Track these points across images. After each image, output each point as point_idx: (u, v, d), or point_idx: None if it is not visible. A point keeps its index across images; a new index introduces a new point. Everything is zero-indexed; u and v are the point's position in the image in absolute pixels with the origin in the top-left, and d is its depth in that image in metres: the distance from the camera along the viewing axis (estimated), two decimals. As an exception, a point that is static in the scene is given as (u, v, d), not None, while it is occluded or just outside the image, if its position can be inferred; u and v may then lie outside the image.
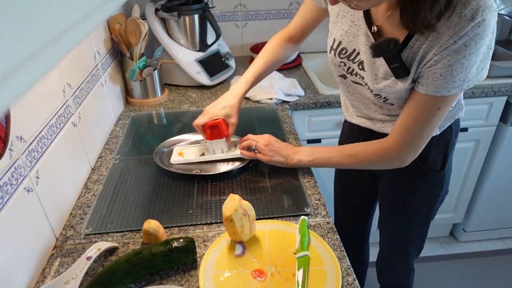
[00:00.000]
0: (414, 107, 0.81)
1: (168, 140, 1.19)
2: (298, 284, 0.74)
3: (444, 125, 0.96)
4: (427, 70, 0.76)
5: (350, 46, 0.89)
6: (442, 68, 0.73)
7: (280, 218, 0.91)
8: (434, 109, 0.80)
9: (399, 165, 0.90)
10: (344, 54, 0.92)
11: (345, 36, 0.90)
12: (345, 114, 1.11)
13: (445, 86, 0.75)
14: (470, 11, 0.68)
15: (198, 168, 1.07)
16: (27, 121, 0.79)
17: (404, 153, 0.88)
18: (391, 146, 0.88)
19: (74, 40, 0.25)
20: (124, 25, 1.39)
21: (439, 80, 0.75)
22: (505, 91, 1.55)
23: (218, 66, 1.63)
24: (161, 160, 1.10)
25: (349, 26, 0.88)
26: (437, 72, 0.74)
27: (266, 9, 1.86)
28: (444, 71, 0.74)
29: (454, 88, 0.76)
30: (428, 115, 0.81)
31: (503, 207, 1.90)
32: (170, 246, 0.77)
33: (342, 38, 0.90)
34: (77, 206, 0.97)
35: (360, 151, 0.93)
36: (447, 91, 0.76)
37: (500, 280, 1.85)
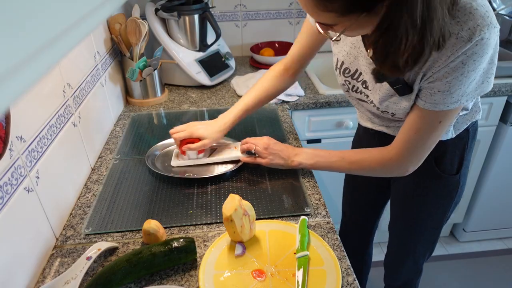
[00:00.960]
0: (415, 120, 0.82)
1: (161, 143, 1.18)
2: (298, 284, 0.74)
3: (460, 128, 0.95)
4: (426, 86, 0.77)
5: (353, 67, 0.90)
6: (440, 84, 0.74)
7: (280, 218, 0.91)
8: (435, 122, 0.80)
9: (399, 174, 0.91)
10: (347, 74, 0.93)
11: (347, 57, 0.90)
12: (359, 118, 1.10)
13: (443, 101, 0.76)
14: (467, 32, 0.68)
15: (191, 171, 1.07)
16: (27, 121, 0.79)
17: (405, 164, 0.88)
18: (393, 156, 0.88)
19: (74, 40, 0.25)
20: (124, 25, 1.39)
21: (437, 95, 0.76)
22: (505, 91, 1.55)
23: (218, 66, 1.63)
24: (153, 163, 1.09)
25: (350, 48, 0.89)
26: (435, 88, 0.75)
27: (266, 9, 1.86)
28: (442, 87, 0.74)
29: (452, 104, 0.76)
30: (429, 128, 0.81)
31: (503, 207, 1.90)
32: (170, 246, 0.77)
33: (344, 58, 0.91)
34: (77, 206, 0.97)
35: (362, 159, 0.93)
36: (445, 106, 0.76)
37: (500, 280, 1.85)
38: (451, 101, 0.76)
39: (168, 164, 1.10)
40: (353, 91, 0.95)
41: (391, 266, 1.30)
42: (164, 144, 1.18)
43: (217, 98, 1.53)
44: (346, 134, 1.59)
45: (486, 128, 1.66)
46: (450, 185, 1.02)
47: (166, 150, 1.17)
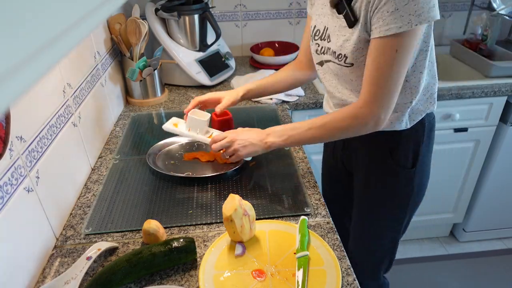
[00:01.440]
0: (373, 56, 0.82)
1: (162, 142, 1.18)
2: (298, 284, 0.74)
3: (415, 119, 0.95)
4: (375, 13, 0.79)
5: (321, 26, 0.95)
6: (386, 4, 0.76)
7: (280, 218, 0.91)
8: (392, 51, 0.80)
9: (374, 124, 0.88)
10: (317, 36, 0.97)
11: (318, 19, 0.96)
12: (325, 108, 1.10)
13: (394, 21, 0.76)
14: None
15: (190, 170, 1.07)
16: (27, 121, 0.79)
17: (376, 109, 0.85)
18: (361, 104, 0.87)
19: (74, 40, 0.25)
20: (124, 25, 1.39)
21: (387, 17, 0.77)
22: (505, 91, 1.55)
23: (218, 66, 1.63)
24: (154, 162, 1.10)
25: (321, 9, 0.95)
26: (384, 10, 0.77)
27: (266, 9, 1.86)
28: (390, 7, 0.76)
29: (404, 25, 0.76)
30: (387, 59, 0.81)
31: (503, 207, 1.90)
32: (170, 246, 0.77)
33: (316, 22, 0.97)
34: (77, 206, 0.97)
35: (331, 118, 0.91)
36: (397, 27, 0.77)
37: (500, 280, 1.85)
38: (403, 20, 0.76)
39: (168, 163, 1.11)
40: (322, 53, 0.96)
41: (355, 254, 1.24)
42: (165, 143, 1.18)
43: (217, 98, 1.53)
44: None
45: (486, 128, 1.66)
46: (405, 179, 1.01)
47: (167, 149, 1.17)
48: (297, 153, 1.16)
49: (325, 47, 0.95)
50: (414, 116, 0.95)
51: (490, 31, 1.79)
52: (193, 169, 1.07)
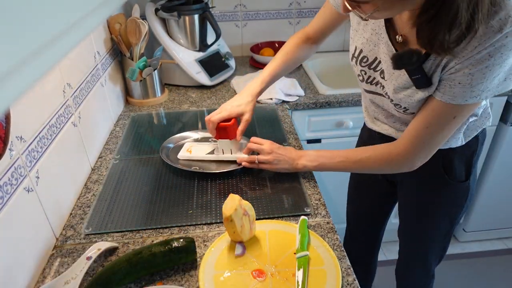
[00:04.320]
0: (428, 114, 0.79)
1: (175, 136, 1.21)
2: (298, 284, 0.73)
3: (470, 135, 0.93)
4: (446, 77, 0.73)
5: (371, 55, 0.87)
6: (462, 76, 0.70)
7: (280, 218, 0.91)
8: (449, 117, 0.77)
9: (407, 169, 0.88)
10: (365, 63, 0.90)
11: (366, 45, 0.87)
12: (366, 119, 1.07)
13: (462, 94, 0.72)
14: (498, 22, 0.64)
15: (198, 165, 1.08)
16: (27, 121, 0.79)
17: (413, 159, 0.86)
18: (400, 152, 0.86)
19: (74, 40, 0.25)
20: (124, 25, 1.39)
21: (457, 88, 0.72)
22: (505, 91, 1.54)
23: (218, 66, 1.63)
24: (167, 156, 1.12)
25: (370, 35, 0.85)
26: (456, 80, 0.71)
27: (266, 9, 1.86)
28: (464, 79, 0.70)
29: (471, 98, 0.72)
30: (441, 123, 0.78)
31: (503, 207, 1.90)
32: (170, 246, 0.77)
33: (363, 46, 0.88)
34: (77, 206, 0.97)
35: (367, 156, 0.91)
36: (464, 100, 0.73)
37: (500, 280, 1.85)
38: (471, 95, 0.72)
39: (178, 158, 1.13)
40: (368, 82, 0.92)
41: (402, 274, 1.27)
42: (180, 137, 1.21)
43: (217, 98, 1.53)
44: (346, 134, 1.59)
45: (486, 128, 1.66)
46: (460, 192, 1.00)
47: (181, 143, 1.20)
48: (297, 153, 1.16)
49: (376, 80, 0.89)
50: (470, 132, 0.93)
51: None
52: (201, 165, 1.08)
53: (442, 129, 0.79)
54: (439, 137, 0.81)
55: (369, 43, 0.86)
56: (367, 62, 0.89)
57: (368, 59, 0.88)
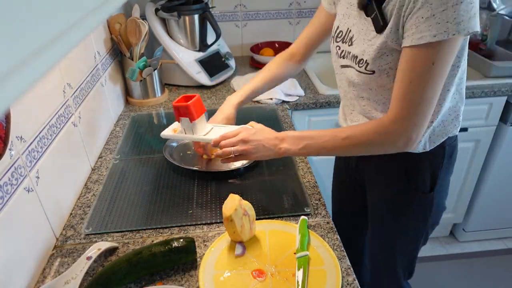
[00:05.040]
0: (406, 67, 0.74)
1: None
2: (298, 284, 0.73)
3: (435, 142, 0.88)
4: (409, 19, 0.71)
5: (345, 27, 0.88)
6: (421, 8, 0.68)
7: (280, 218, 0.91)
8: (427, 64, 0.71)
9: (404, 144, 0.79)
10: (339, 38, 0.90)
11: (342, 20, 0.89)
12: (340, 122, 1.05)
13: (428, 29, 0.68)
14: None
15: (200, 165, 1.09)
16: (27, 121, 0.79)
17: (406, 126, 0.77)
18: (391, 120, 0.78)
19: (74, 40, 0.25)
20: (124, 25, 1.39)
21: (421, 24, 0.69)
22: (505, 91, 1.55)
23: (218, 66, 1.63)
24: (171, 155, 1.13)
25: (346, 9, 0.88)
26: (418, 15, 0.69)
27: (266, 9, 1.86)
28: (425, 12, 0.68)
29: (440, 33, 0.68)
30: (422, 72, 0.72)
31: (503, 207, 1.90)
32: (170, 246, 0.77)
33: (340, 22, 0.90)
34: (77, 206, 0.97)
35: (355, 131, 0.82)
36: (432, 35, 0.68)
37: (500, 280, 1.85)
38: (438, 28, 0.68)
39: (183, 155, 1.14)
40: (341, 57, 0.90)
41: (372, 284, 1.22)
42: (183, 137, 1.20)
43: (217, 98, 1.53)
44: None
45: (486, 128, 1.66)
46: (423, 204, 0.96)
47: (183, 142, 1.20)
48: (297, 153, 1.16)
49: (345, 51, 0.88)
50: (435, 138, 0.88)
51: (490, 31, 1.79)
52: (203, 164, 1.09)
53: (426, 82, 0.73)
54: (427, 92, 0.74)
55: (344, 18, 0.89)
56: (341, 36, 0.89)
57: (342, 31, 0.89)
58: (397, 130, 0.78)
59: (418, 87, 0.74)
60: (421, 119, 0.77)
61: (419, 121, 0.77)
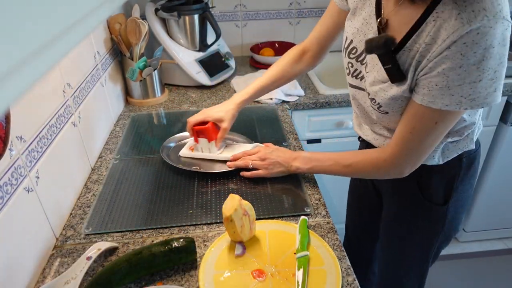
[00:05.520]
0: (411, 118, 0.76)
1: (176, 136, 1.21)
2: (298, 284, 0.73)
3: (449, 156, 0.87)
4: (423, 78, 0.70)
5: (360, 46, 0.83)
6: (437, 76, 0.67)
7: (280, 218, 0.91)
8: (431, 122, 0.73)
9: (396, 176, 0.86)
10: (353, 54, 0.86)
11: (356, 35, 0.83)
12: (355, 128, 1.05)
13: (441, 98, 0.68)
14: (469, 14, 0.60)
15: (198, 164, 1.09)
16: (27, 121, 0.79)
17: (401, 165, 0.83)
18: (387, 158, 0.83)
19: (74, 40, 0.25)
20: (124, 25, 1.39)
21: (435, 90, 0.68)
22: (505, 91, 1.54)
23: (218, 66, 1.63)
24: (168, 155, 1.13)
25: (361, 24, 0.82)
26: (432, 81, 0.68)
27: (266, 9, 1.86)
28: (440, 81, 0.67)
29: (452, 104, 0.68)
30: (424, 128, 0.75)
31: (503, 207, 1.90)
32: (170, 246, 0.77)
33: (354, 36, 0.84)
34: (77, 206, 0.97)
35: (356, 161, 0.89)
36: (443, 104, 0.69)
37: (500, 280, 1.85)
38: (451, 100, 0.67)
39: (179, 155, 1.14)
40: (353, 76, 0.88)
41: None
42: (181, 136, 1.21)
43: (217, 98, 1.53)
44: (346, 134, 1.59)
45: (486, 128, 1.66)
46: (436, 216, 0.95)
47: (181, 142, 1.20)
48: (297, 153, 1.16)
49: (361, 74, 0.85)
50: (449, 153, 0.87)
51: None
52: (201, 165, 1.09)
53: (426, 135, 0.76)
54: (425, 144, 0.78)
55: (359, 33, 0.83)
56: (355, 53, 0.85)
57: (357, 50, 0.84)
58: (392, 167, 0.85)
59: (417, 138, 0.77)
60: (415, 160, 0.82)
61: (412, 163, 0.83)
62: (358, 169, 0.90)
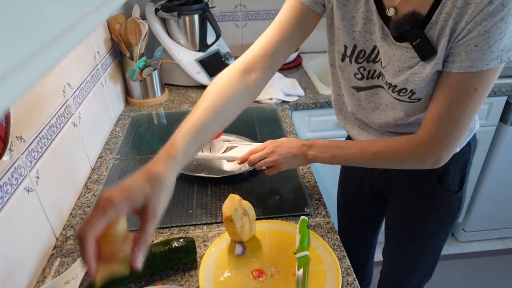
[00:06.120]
0: (447, 91, 0.70)
1: None
2: (298, 284, 0.73)
3: (465, 141, 0.87)
4: (459, 44, 0.65)
5: (369, 46, 0.78)
6: (477, 36, 0.63)
7: (280, 218, 0.91)
8: (470, 90, 0.68)
9: (432, 163, 0.77)
10: (362, 58, 0.80)
11: (361, 37, 0.78)
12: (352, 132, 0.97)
13: (481, 58, 0.64)
14: None
15: (206, 169, 1.06)
16: (27, 121, 0.79)
17: (438, 148, 0.75)
18: (423, 140, 0.75)
19: (74, 40, 0.25)
20: (124, 25, 1.39)
21: (474, 52, 0.64)
22: (505, 91, 1.54)
23: (218, 66, 1.63)
24: None
25: (363, 24, 0.77)
26: (471, 43, 0.64)
27: (266, 9, 1.86)
28: (480, 40, 0.63)
29: (492, 60, 0.64)
30: (463, 98, 0.69)
31: (503, 207, 1.90)
32: (170, 246, 0.77)
33: (356, 41, 0.79)
34: (77, 206, 0.97)
35: (385, 147, 0.80)
36: (484, 64, 0.64)
37: (500, 280, 1.85)
38: (491, 57, 0.64)
39: None
40: (368, 77, 0.82)
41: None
42: None
43: (217, 98, 1.53)
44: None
45: (486, 128, 1.66)
46: (452, 204, 0.94)
47: None
48: (297, 153, 1.16)
49: (379, 72, 0.80)
50: (464, 138, 0.87)
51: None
52: (209, 169, 1.07)
53: (465, 107, 0.70)
54: (464, 117, 0.71)
55: (364, 34, 0.77)
56: (364, 55, 0.80)
57: (366, 51, 0.79)
58: (429, 150, 0.76)
59: (456, 111, 0.71)
60: (453, 142, 0.75)
61: (451, 144, 0.75)
62: (388, 157, 0.80)
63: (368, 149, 0.82)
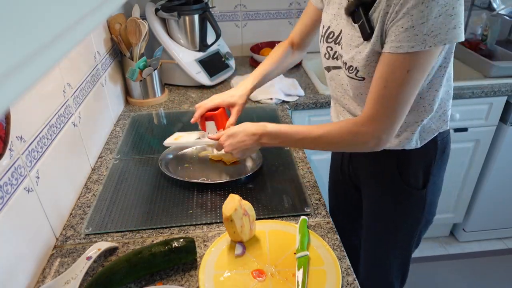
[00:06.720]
0: (383, 71, 0.75)
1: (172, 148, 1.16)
2: (298, 284, 0.74)
3: (426, 138, 0.90)
4: (391, 26, 0.72)
5: (337, 29, 0.87)
6: (402, 18, 0.69)
7: (280, 218, 0.91)
8: (402, 71, 0.73)
9: (374, 145, 0.81)
10: (331, 38, 0.90)
11: (334, 20, 0.88)
12: (332, 117, 1.07)
13: (407, 39, 0.70)
14: None
15: (204, 176, 1.05)
16: (27, 121, 0.79)
17: (378, 128, 0.79)
18: (364, 121, 0.80)
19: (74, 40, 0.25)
20: (124, 25, 1.39)
21: (401, 34, 0.70)
22: (505, 91, 1.55)
23: (218, 66, 1.63)
24: (167, 167, 1.08)
25: (337, 9, 0.87)
26: (399, 25, 0.70)
27: (266, 9, 1.86)
28: (405, 22, 0.69)
29: (417, 44, 0.69)
30: (397, 78, 0.74)
31: (503, 207, 1.90)
32: (170, 246, 0.77)
33: (331, 22, 0.89)
34: (77, 206, 0.97)
35: (328, 131, 0.85)
36: (410, 46, 0.70)
37: (500, 280, 1.85)
38: (416, 40, 0.69)
39: (181, 168, 1.09)
40: (333, 58, 0.90)
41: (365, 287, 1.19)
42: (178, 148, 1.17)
43: (217, 98, 1.53)
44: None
45: (486, 128, 1.66)
46: (416, 201, 0.97)
47: (181, 153, 1.16)
48: (297, 153, 1.16)
49: (338, 52, 0.88)
50: (426, 135, 0.90)
51: (490, 31, 1.79)
52: (206, 174, 1.06)
53: (400, 87, 0.74)
54: (400, 99, 0.76)
55: (336, 18, 0.88)
56: (332, 37, 0.89)
57: (334, 33, 0.88)
58: (369, 131, 0.80)
59: (392, 91, 0.75)
60: (392, 122, 0.79)
61: (390, 123, 0.79)
62: (331, 141, 0.85)
63: (314, 132, 0.87)
